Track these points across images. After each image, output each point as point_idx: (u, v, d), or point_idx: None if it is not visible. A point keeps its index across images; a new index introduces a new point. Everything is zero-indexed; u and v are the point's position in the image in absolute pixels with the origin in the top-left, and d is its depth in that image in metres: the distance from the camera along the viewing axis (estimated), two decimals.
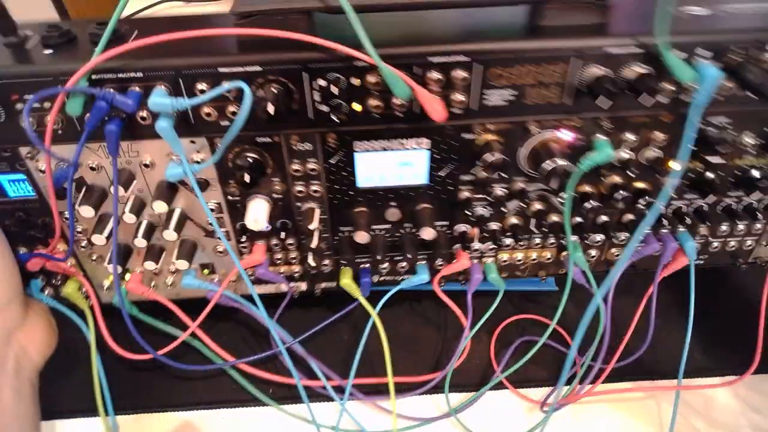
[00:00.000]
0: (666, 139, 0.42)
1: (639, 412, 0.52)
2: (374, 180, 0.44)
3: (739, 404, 0.53)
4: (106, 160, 0.41)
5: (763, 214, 0.48)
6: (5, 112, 0.38)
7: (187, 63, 0.36)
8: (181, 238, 0.45)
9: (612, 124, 0.41)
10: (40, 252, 0.45)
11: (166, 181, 0.42)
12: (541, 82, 0.38)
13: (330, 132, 0.41)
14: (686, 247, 0.48)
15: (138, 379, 0.54)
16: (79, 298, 0.48)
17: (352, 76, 0.37)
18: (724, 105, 0.40)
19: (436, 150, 0.42)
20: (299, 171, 0.42)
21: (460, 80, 0.37)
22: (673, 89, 0.38)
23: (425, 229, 0.44)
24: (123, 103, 0.36)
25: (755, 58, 0.38)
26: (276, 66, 0.36)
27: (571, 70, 0.38)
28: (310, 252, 0.49)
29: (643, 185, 0.45)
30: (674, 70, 0.36)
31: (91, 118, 0.36)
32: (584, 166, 0.40)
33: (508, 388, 0.53)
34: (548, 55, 0.37)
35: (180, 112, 0.38)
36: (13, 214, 0.44)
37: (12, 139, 0.39)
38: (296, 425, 0.52)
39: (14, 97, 0.37)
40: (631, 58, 0.37)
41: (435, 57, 0.37)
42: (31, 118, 0.37)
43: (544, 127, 0.41)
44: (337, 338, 0.56)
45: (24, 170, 0.41)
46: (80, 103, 0.36)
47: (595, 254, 0.51)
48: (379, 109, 0.39)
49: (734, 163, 0.45)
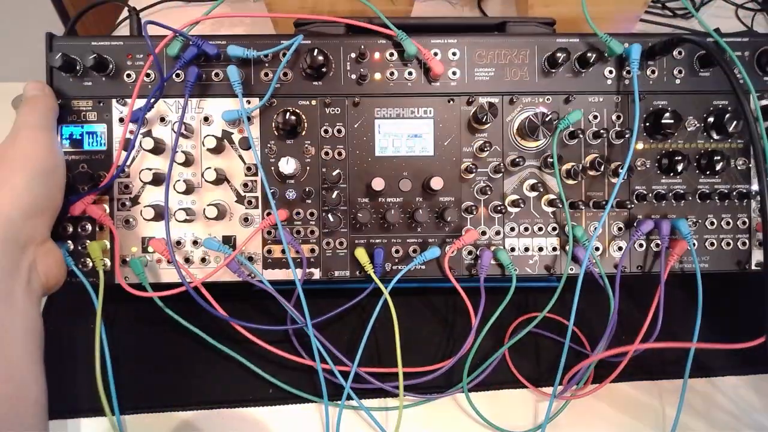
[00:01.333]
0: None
1: (642, 411, 0.54)
2: (389, 150, 0.52)
3: (739, 404, 0.55)
4: (176, 114, 0.51)
5: (738, 201, 0.53)
6: (115, 69, 0.50)
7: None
8: (214, 201, 0.50)
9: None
10: (85, 193, 0.49)
11: (216, 142, 0.50)
12: (512, 63, 0.52)
13: (356, 97, 0.52)
14: (679, 225, 0.51)
15: (138, 379, 0.54)
16: (98, 259, 0.49)
17: (376, 51, 0.51)
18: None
19: (439, 119, 0.52)
20: (328, 133, 0.51)
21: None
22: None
23: (435, 178, 0.50)
24: (209, 46, 0.49)
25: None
26: (318, 40, 0.51)
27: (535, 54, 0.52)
28: (329, 214, 0.51)
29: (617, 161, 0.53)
30: (608, 44, 0.50)
31: (187, 54, 0.49)
32: (562, 124, 0.50)
33: (515, 382, 0.55)
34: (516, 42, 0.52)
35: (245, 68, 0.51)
36: (78, 165, 0.50)
37: (110, 93, 0.51)
38: (296, 425, 0.53)
39: (129, 56, 0.50)
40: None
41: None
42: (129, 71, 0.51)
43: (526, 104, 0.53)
44: (347, 329, 0.57)
45: (107, 120, 0.51)
46: (178, 46, 0.49)
47: (599, 247, 0.53)
48: (393, 77, 0.51)
49: (693, 146, 0.53)
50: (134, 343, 0.56)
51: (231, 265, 0.50)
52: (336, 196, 0.50)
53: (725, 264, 0.54)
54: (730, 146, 0.54)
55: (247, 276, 0.51)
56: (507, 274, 0.52)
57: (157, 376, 0.55)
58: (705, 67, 0.53)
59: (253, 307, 0.57)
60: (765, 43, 0.53)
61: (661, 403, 0.55)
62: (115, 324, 0.56)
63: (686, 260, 0.53)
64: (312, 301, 0.49)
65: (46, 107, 0.47)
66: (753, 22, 0.79)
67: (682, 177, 0.53)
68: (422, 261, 0.51)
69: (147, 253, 0.51)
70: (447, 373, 0.52)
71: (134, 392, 0.53)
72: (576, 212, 0.53)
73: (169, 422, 0.53)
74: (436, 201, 0.52)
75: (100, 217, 0.49)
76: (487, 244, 0.53)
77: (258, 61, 0.51)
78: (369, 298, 0.52)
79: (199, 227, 0.51)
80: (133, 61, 0.51)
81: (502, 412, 0.53)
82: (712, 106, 0.53)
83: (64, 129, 0.51)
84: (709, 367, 0.57)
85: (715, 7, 0.80)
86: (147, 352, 0.56)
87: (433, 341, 0.57)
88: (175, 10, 0.77)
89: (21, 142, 0.45)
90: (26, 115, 0.46)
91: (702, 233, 0.53)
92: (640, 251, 0.53)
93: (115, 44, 0.51)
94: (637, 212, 0.53)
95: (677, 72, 0.53)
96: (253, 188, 0.52)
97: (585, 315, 0.56)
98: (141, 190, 0.51)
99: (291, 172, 0.49)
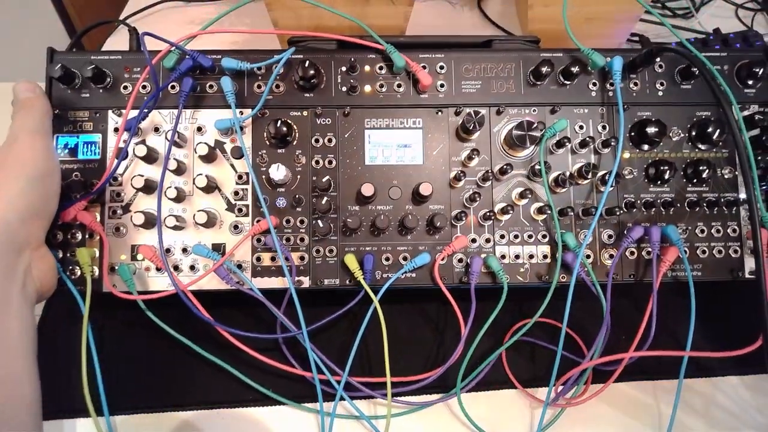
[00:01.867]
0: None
1: (639, 413, 0.54)
2: (379, 159, 0.53)
3: (739, 404, 0.55)
4: (170, 125, 0.52)
5: (727, 209, 0.53)
6: (112, 81, 0.52)
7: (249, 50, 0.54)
8: (204, 209, 0.51)
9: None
10: (77, 199, 0.50)
11: (208, 149, 0.51)
12: (498, 76, 0.54)
13: (347, 108, 0.53)
14: (669, 232, 0.51)
15: (137, 379, 0.55)
16: (87, 265, 0.49)
17: (366, 65, 0.53)
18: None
19: (427, 129, 0.53)
20: (319, 142, 0.52)
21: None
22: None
23: (424, 184, 0.50)
24: (204, 59, 0.51)
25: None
26: (311, 54, 0.53)
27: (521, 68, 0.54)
28: (319, 220, 0.52)
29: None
30: (591, 57, 0.52)
31: (182, 66, 0.50)
32: (548, 133, 0.51)
33: (509, 386, 0.55)
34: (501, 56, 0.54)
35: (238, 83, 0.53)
36: (72, 174, 0.51)
37: (107, 104, 0.52)
38: (296, 425, 0.53)
39: (126, 69, 0.52)
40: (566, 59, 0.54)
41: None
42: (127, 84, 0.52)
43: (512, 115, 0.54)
44: (336, 338, 0.56)
45: (102, 130, 0.52)
46: (174, 58, 0.51)
47: (590, 255, 0.53)
48: (383, 89, 0.53)
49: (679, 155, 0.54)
50: (132, 348, 0.56)
51: (219, 271, 0.50)
52: (326, 202, 0.51)
53: (719, 273, 0.53)
54: (715, 155, 0.54)
55: (236, 283, 0.50)
56: (498, 282, 0.52)
57: (157, 377, 0.55)
58: (686, 80, 0.54)
59: (246, 316, 0.57)
60: (742, 58, 0.55)
61: (659, 403, 0.55)
62: (114, 328, 0.56)
63: (679, 268, 0.53)
64: (306, 307, 0.49)
65: (42, 110, 0.48)
66: (753, 21, 0.81)
67: (669, 186, 0.54)
68: (412, 267, 0.51)
69: (136, 260, 0.51)
70: (442, 379, 0.52)
71: (134, 393, 0.54)
72: (566, 220, 0.53)
73: (170, 422, 0.53)
74: (425, 209, 0.52)
75: (90, 223, 0.49)
76: (477, 251, 0.53)
77: (251, 74, 0.53)
78: (360, 305, 0.51)
79: (189, 235, 0.51)
80: (130, 74, 0.53)
81: (497, 418, 0.53)
82: (696, 116, 0.54)
83: (59, 139, 0.52)
84: (709, 367, 0.57)
85: (715, 7, 0.81)
86: (146, 355, 0.56)
87: (426, 348, 0.57)
88: (175, 10, 0.77)
89: (19, 147, 0.45)
90: (23, 118, 0.47)
91: (693, 241, 0.53)
92: (631, 259, 0.53)
93: (114, 58, 0.53)
94: (627, 220, 0.53)
95: (659, 84, 0.54)
96: (244, 196, 0.52)
97: (583, 321, 0.56)
98: (133, 198, 0.51)
99: (281, 178, 0.50)
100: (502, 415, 0.54)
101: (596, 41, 0.62)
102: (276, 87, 0.53)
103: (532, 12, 0.70)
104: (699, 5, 0.81)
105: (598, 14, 0.55)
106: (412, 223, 0.51)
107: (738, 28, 0.80)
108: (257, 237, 0.51)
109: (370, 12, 0.54)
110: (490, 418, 0.53)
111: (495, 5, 0.82)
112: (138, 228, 0.51)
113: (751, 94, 0.55)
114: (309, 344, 0.49)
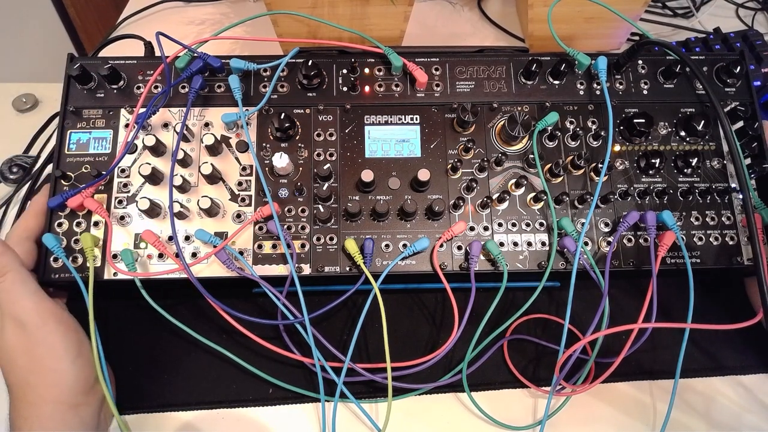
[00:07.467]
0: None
1: (635, 412, 0.53)
2: (378, 153, 0.55)
3: (738, 404, 0.54)
4: (178, 122, 0.54)
5: (719, 197, 0.55)
6: (126, 82, 0.55)
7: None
8: (208, 197, 0.52)
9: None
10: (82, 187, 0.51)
11: (214, 140, 0.53)
12: (490, 77, 0.57)
13: (347, 105, 0.55)
14: (664, 217, 0.52)
15: (138, 379, 0.54)
16: (89, 249, 0.49)
17: (366, 67, 0.56)
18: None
19: (424, 125, 0.55)
20: (320, 137, 0.54)
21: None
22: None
23: (422, 171, 0.51)
24: (213, 60, 0.54)
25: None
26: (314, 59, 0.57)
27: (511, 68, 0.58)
28: (320, 205, 0.53)
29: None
30: (577, 58, 0.55)
31: (193, 66, 0.53)
32: (540, 125, 0.53)
33: (510, 382, 0.54)
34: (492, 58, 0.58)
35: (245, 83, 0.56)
36: (81, 166, 0.53)
37: (120, 103, 0.55)
38: (296, 425, 0.53)
39: (140, 72, 0.55)
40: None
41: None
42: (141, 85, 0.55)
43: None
44: (335, 328, 0.56)
45: (114, 127, 0.54)
46: (186, 59, 0.54)
47: (588, 242, 0.53)
48: (381, 88, 0.56)
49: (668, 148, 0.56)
50: (130, 345, 0.55)
51: (221, 255, 0.50)
52: (327, 188, 0.52)
53: (718, 260, 0.53)
54: (702, 148, 0.56)
55: (237, 269, 0.50)
56: (498, 268, 0.52)
57: (157, 377, 0.54)
58: (668, 79, 0.57)
59: (246, 308, 0.56)
60: (720, 60, 0.58)
61: (656, 402, 0.54)
62: (115, 325, 0.56)
63: (678, 255, 0.53)
64: (307, 297, 0.49)
65: (14, 273, 0.47)
66: (753, 21, 0.81)
67: (661, 176, 0.55)
68: (412, 252, 0.51)
69: (139, 248, 0.51)
70: (442, 367, 0.52)
71: (133, 393, 0.53)
72: (561, 208, 0.54)
73: (170, 422, 0.52)
74: (424, 197, 0.54)
75: (96, 209, 0.50)
76: (476, 239, 0.53)
77: (257, 75, 0.56)
78: (360, 295, 0.51)
79: (192, 224, 0.52)
80: (144, 77, 0.56)
81: (499, 408, 0.52)
82: (680, 112, 0.57)
83: (72, 135, 0.54)
84: (709, 367, 0.56)
85: (715, 6, 0.82)
86: (146, 355, 0.55)
87: (428, 339, 0.56)
88: (175, 10, 0.79)
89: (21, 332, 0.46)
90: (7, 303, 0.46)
91: (689, 229, 0.54)
92: (630, 246, 0.53)
93: (129, 63, 0.56)
94: (622, 209, 0.54)
95: (643, 83, 0.57)
96: (247, 187, 0.53)
97: (583, 315, 0.57)
98: (139, 189, 0.53)
99: (283, 166, 0.51)
100: (503, 404, 0.53)
101: (596, 41, 0.64)
102: (281, 87, 0.56)
103: (532, 12, 0.70)
104: (699, 5, 0.81)
105: (599, 14, 0.57)
106: (411, 207, 0.52)
107: (738, 28, 0.80)
108: (259, 225, 0.52)
109: (370, 12, 0.56)
110: (492, 408, 0.52)
111: (495, 5, 0.83)
112: (142, 216, 0.52)
113: (732, 92, 0.58)
114: (310, 328, 0.49)
